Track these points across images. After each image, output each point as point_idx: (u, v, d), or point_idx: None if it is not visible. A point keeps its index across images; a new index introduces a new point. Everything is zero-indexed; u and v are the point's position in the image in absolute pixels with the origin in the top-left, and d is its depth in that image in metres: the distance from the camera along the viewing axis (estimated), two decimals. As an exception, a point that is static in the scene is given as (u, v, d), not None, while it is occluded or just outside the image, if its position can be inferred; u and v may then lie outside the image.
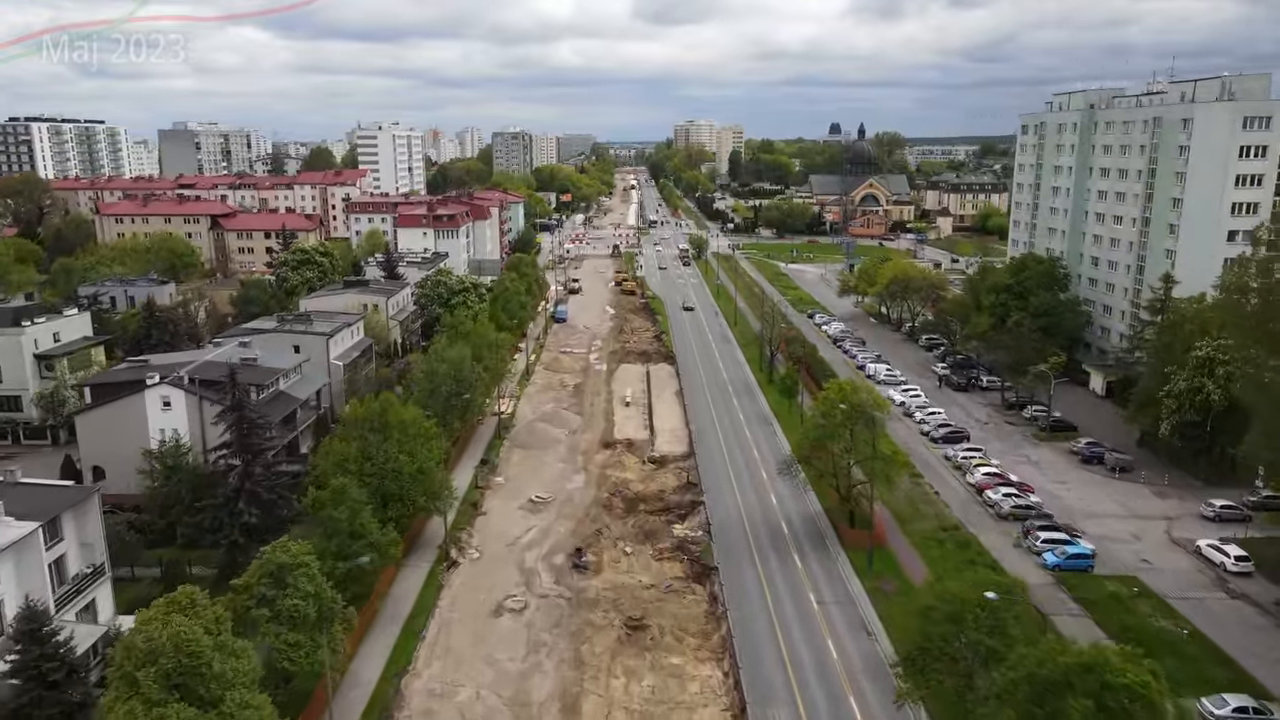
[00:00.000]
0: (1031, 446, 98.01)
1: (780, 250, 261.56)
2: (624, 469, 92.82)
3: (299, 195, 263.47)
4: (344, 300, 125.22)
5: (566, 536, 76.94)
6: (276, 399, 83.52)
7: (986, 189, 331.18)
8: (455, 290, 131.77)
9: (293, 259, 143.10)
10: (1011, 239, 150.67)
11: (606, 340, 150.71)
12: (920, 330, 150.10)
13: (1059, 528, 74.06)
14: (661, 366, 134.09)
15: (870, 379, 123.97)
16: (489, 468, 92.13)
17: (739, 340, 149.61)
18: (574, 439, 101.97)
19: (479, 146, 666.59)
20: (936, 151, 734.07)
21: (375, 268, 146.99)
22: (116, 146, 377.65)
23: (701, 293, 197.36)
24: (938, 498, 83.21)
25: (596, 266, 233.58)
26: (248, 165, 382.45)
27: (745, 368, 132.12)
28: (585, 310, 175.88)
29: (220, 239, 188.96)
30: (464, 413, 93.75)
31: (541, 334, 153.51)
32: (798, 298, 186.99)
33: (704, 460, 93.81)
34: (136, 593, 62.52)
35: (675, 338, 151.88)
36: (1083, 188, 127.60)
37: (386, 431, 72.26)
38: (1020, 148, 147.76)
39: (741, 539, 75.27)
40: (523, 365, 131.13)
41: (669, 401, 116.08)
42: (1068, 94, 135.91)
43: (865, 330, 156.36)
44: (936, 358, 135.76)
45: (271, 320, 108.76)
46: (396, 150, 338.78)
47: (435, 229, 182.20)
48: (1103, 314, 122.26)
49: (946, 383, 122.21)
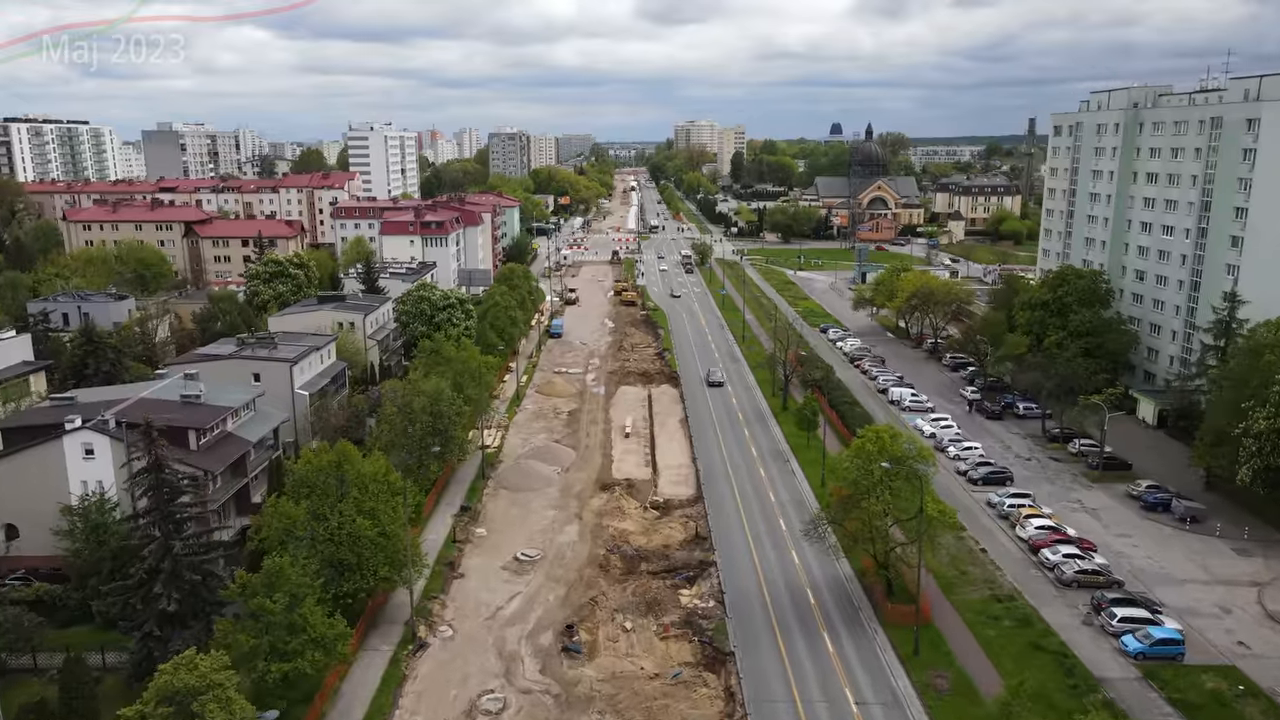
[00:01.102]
0: (1083, 489, 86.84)
1: (786, 256, 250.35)
2: (623, 516, 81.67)
3: (285, 199, 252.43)
4: (317, 318, 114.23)
5: (556, 607, 65.86)
6: (222, 443, 72.41)
7: (999, 191, 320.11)
8: (439, 306, 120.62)
9: (265, 271, 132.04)
10: (1042, 249, 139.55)
11: (605, 358, 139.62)
12: (944, 348, 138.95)
13: (1135, 600, 62.93)
14: (664, 389, 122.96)
15: (894, 404, 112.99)
16: (469, 516, 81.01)
17: (748, 359, 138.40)
18: (567, 479, 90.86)
19: (477, 147, 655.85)
20: (941, 152, 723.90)
21: (355, 280, 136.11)
22: (101, 148, 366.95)
23: (705, 303, 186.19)
24: (985, 556, 72.13)
25: (595, 274, 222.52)
26: (236, 167, 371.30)
27: (756, 391, 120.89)
28: (583, 323, 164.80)
29: (195, 247, 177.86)
30: (442, 453, 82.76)
31: (535, 351, 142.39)
32: (808, 309, 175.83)
33: (714, 506, 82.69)
34: (29, 694, 51.54)
35: (679, 355, 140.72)
36: (1126, 194, 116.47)
37: (343, 489, 61.29)
38: (1052, 150, 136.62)
39: (761, 611, 64.15)
40: (513, 388, 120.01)
41: (673, 432, 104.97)
42: (1106, 91, 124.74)
43: (883, 346, 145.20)
44: (964, 380, 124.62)
45: (231, 343, 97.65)
46: (389, 152, 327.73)
47: (423, 236, 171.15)
48: (1150, 334, 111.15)
49: (978, 409, 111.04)
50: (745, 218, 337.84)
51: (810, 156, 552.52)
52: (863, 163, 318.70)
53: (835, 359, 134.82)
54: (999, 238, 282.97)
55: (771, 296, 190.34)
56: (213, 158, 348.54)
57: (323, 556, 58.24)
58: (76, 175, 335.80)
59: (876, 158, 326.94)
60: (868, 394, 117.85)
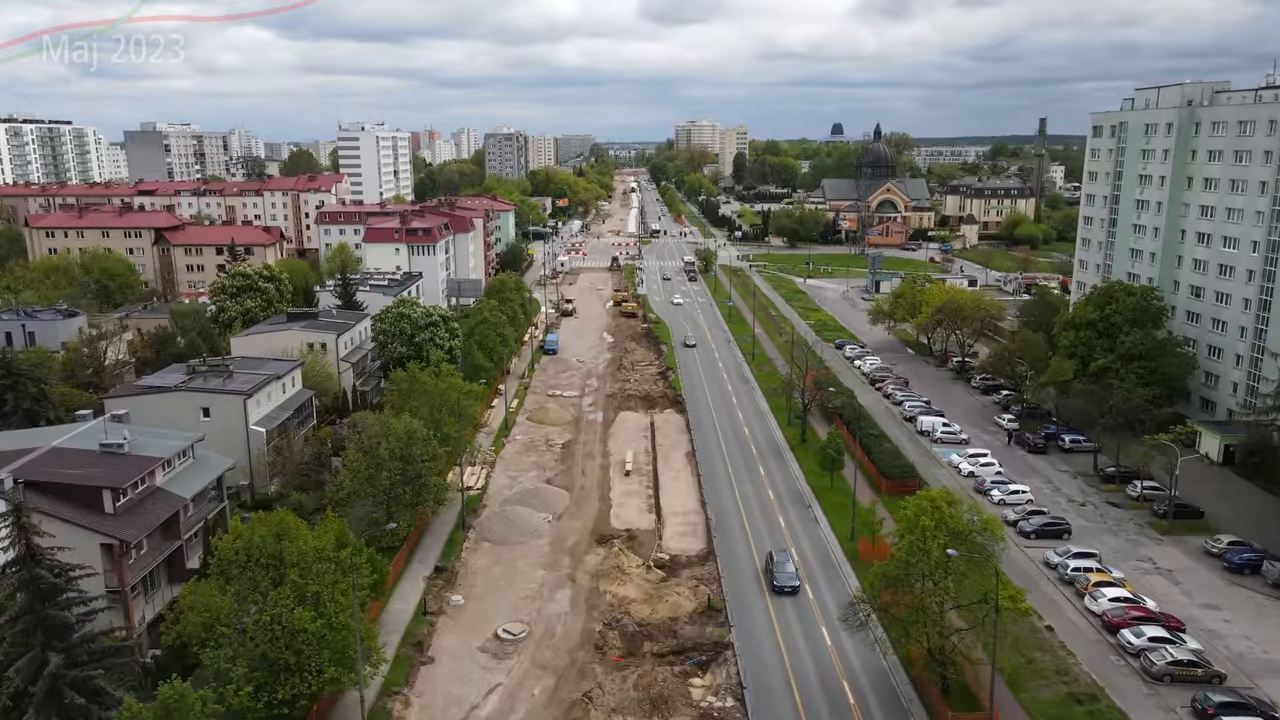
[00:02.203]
0: (1152, 543, 75.66)
1: (794, 262, 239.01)
2: (623, 578, 70.46)
3: (269, 203, 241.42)
4: (284, 338, 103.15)
5: (542, 705, 54.64)
6: (148, 501, 61.17)
7: (1012, 194, 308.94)
8: (420, 325, 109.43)
9: (232, 285, 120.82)
10: (1078, 259, 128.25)
11: (603, 379, 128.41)
12: (972, 368, 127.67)
13: (1249, 705, 51.72)
14: (668, 415, 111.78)
15: (923, 435, 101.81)
16: (444, 579, 69.78)
17: (759, 379, 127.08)
18: (560, 528, 79.64)
19: (475, 148, 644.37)
20: (945, 153, 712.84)
21: (331, 294, 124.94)
22: (84, 149, 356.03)
23: (711, 314, 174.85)
24: (1053, 637, 60.94)
25: (593, 282, 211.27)
26: (224, 169, 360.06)
27: (769, 419, 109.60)
28: (580, 338, 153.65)
29: (166, 256, 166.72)
30: (415, 504, 71.60)
31: (527, 371, 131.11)
32: (820, 322, 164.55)
33: (728, 566, 71.51)
34: None
35: (684, 375, 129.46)
36: (1180, 201, 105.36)
37: (280, 571, 50.11)
38: (1090, 153, 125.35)
39: (789, 714, 52.96)
40: (501, 416, 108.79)
41: (679, 469, 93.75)
42: (1155, 88, 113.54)
43: (904, 365, 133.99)
44: (997, 405, 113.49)
45: (180, 371, 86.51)
46: (380, 153, 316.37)
47: (409, 245, 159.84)
48: (1209, 357, 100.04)
49: (1017, 440, 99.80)
50: (749, 221, 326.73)
51: (814, 157, 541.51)
52: (873, 164, 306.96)
53: (854, 380, 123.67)
54: (1014, 242, 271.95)
55: (781, 307, 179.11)
56: (199, 159, 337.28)
57: (252, 656, 47.16)
58: (59, 177, 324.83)
59: (886, 159, 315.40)
60: (893, 422, 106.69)
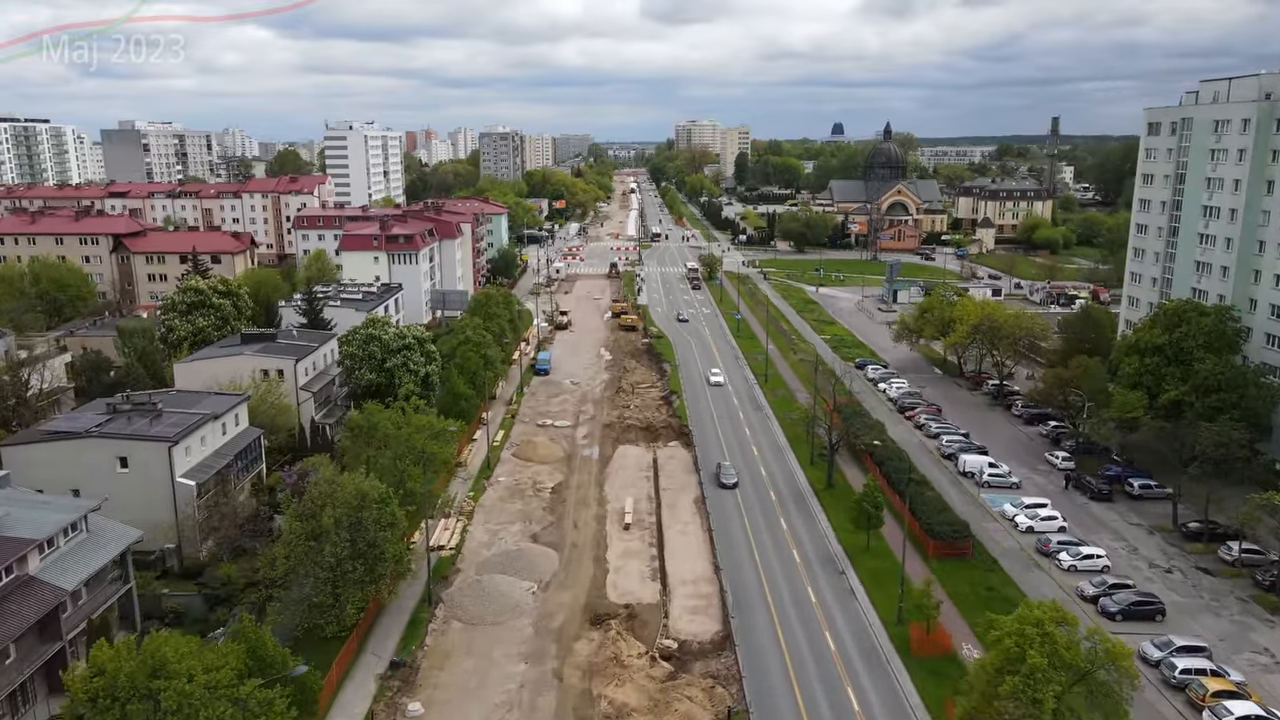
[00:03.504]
0: (1263, 625, 62.58)
1: (803, 268, 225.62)
2: (621, 674, 57.31)
3: (248, 205, 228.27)
4: (234, 365, 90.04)
5: None
6: (17, 595, 48.10)
7: (1028, 196, 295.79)
8: (392, 348, 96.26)
9: (182, 301, 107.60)
10: (1130, 273, 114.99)
11: (600, 404, 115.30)
12: (1012, 393, 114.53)
13: None
14: (673, 450, 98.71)
15: (967, 477, 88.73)
16: (401, 679, 56.61)
17: (773, 406, 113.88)
18: (546, 602, 66.49)
19: (472, 147, 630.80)
20: (950, 153, 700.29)
21: (294, 310, 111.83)
22: (63, 148, 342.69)
23: (717, 328, 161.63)
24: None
25: (591, 290, 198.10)
26: (209, 170, 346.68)
27: (788, 455, 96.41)
28: (574, 354, 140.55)
29: (126, 264, 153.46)
30: (367, 581, 58.53)
31: (515, 395, 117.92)
32: (837, 337, 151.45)
33: (751, 658, 58.39)
34: None
35: (690, 400, 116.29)
36: (1258, 208, 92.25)
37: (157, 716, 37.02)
38: (1146, 153, 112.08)
39: None
40: (483, 453, 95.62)
41: (687, 520, 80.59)
42: (1225, 79, 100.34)
43: (933, 387, 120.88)
44: (1044, 437, 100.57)
45: (98, 410, 73.40)
46: (369, 153, 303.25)
47: (388, 253, 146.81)
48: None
49: (1076, 485, 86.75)
50: (753, 223, 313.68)
51: (817, 157, 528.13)
52: (887, 165, 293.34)
53: (878, 406, 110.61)
54: (1032, 247, 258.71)
55: (793, 320, 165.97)
56: (181, 159, 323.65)
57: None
58: (35, 178, 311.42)
59: (897, 159, 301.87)
60: (929, 460, 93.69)
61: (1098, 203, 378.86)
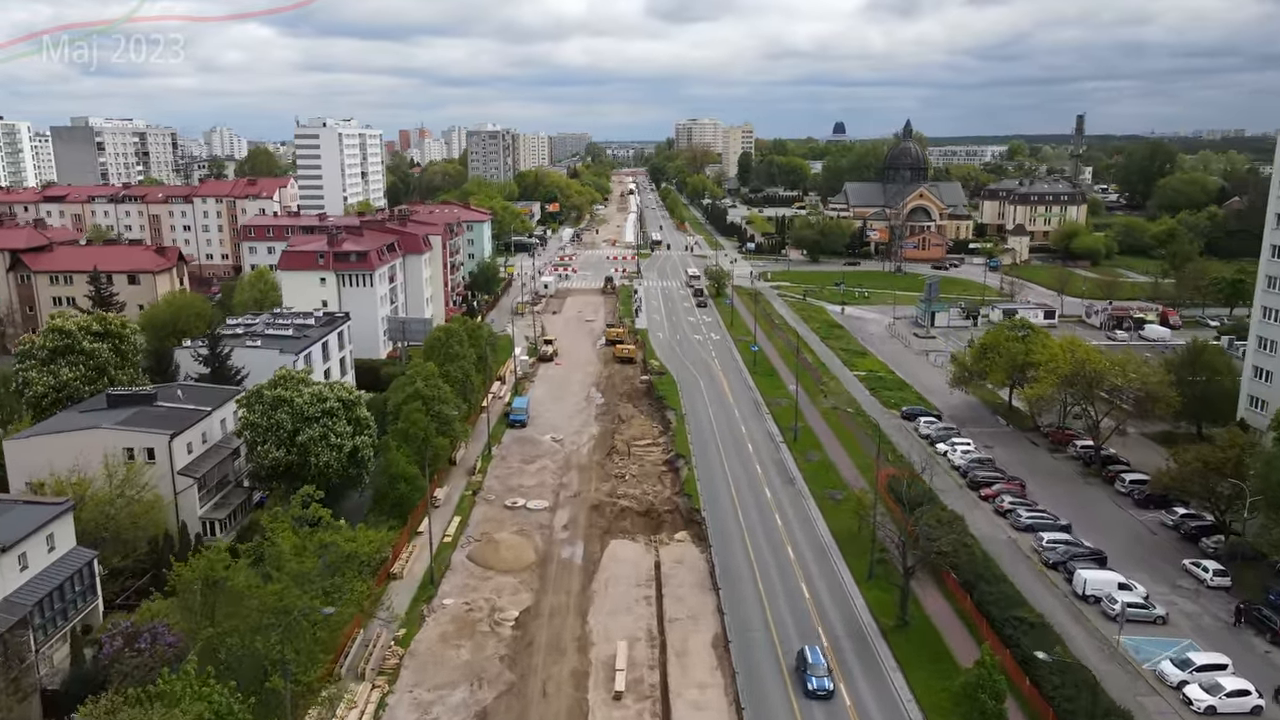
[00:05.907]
0: None
1: (820, 281, 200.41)
2: None
3: (200, 211, 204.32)
4: (84, 443, 66.25)
5: None
6: None
7: (1062, 200, 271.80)
8: (308, 415, 71.77)
9: (44, 346, 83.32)
10: (1260, 306, 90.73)
11: (587, 471, 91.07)
12: (1111, 459, 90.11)
13: None
14: (682, 550, 74.48)
15: (1085, 600, 64.48)
16: None
17: (808, 477, 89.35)
18: None
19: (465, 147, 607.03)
20: (960, 153, 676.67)
21: (192, 355, 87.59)
22: (16, 146, 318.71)
23: (728, 360, 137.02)
24: None
25: (583, 310, 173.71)
26: (174, 170, 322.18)
27: (838, 564, 71.79)
28: (559, 398, 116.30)
29: (26, 285, 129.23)
30: None
31: (481, 460, 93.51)
32: (872, 373, 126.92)
33: None
34: None
35: (700, 465, 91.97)
36: None
37: None
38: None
39: None
40: (424, 563, 71.02)
41: (704, 676, 56.37)
42: None
43: (1001, 447, 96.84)
44: (1173, 530, 76.38)
45: None
46: (345, 153, 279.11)
47: (337, 273, 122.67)
48: None
49: (1247, 619, 62.37)
50: (760, 228, 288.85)
51: (824, 157, 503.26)
52: (906, 166, 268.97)
53: (941, 477, 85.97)
54: (1070, 256, 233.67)
55: (817, 349, 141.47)
56: (142, 159, 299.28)
57: None
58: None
59: (919, 159, 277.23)
60: (1023, 565, 69.51)
61: (1125, 206, 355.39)
